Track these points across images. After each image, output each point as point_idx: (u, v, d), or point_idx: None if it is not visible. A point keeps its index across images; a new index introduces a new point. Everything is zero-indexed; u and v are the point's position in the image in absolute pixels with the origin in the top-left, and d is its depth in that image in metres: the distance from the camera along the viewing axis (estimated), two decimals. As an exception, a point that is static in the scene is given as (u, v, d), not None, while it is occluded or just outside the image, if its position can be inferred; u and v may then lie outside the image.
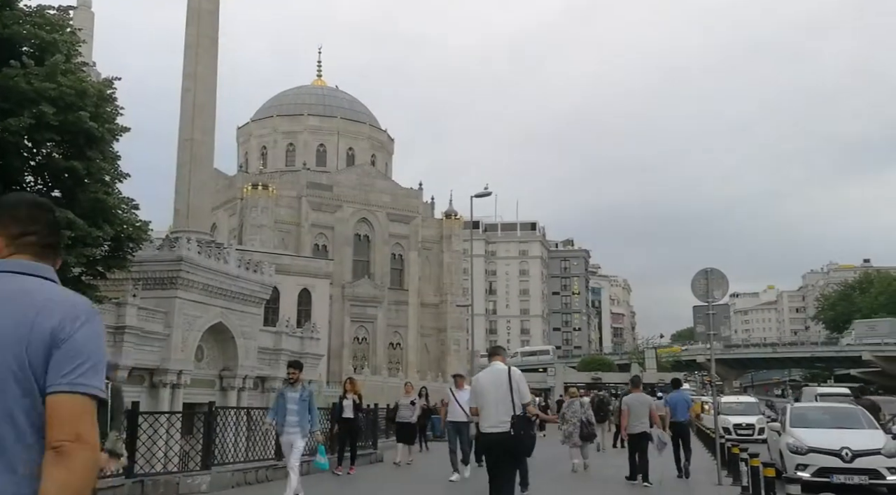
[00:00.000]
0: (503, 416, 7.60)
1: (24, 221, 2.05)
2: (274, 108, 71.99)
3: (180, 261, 26.17)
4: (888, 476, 13.01)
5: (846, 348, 75.90)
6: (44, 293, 1.93)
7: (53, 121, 14.30)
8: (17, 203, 2.09)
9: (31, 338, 1.83)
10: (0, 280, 1.93)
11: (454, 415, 14.33)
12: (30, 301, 1.88)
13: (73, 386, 1.82)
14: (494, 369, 8.18)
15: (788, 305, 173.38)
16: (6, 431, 1.78)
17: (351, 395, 15.18)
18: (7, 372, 1.80)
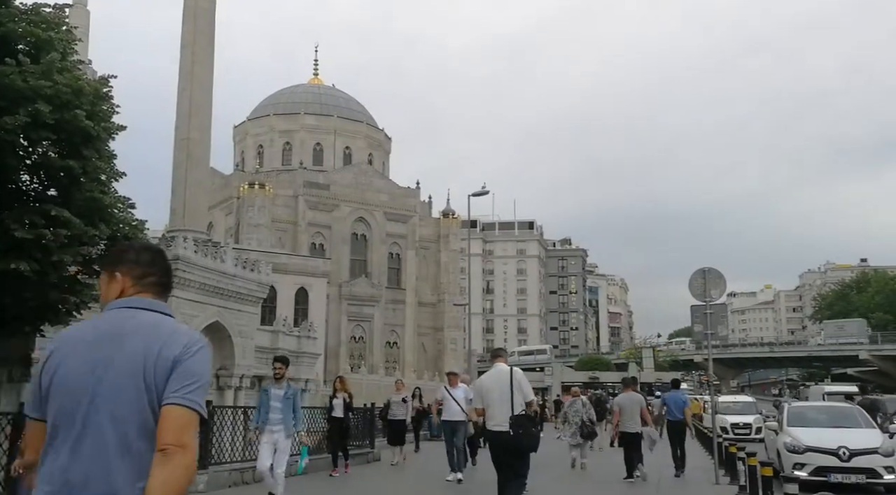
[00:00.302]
0: (507, 415, 8.00)
1: (146, 265, 2.54)
2: (270, 106, 71.90)
3: (177, 261, 26.11)
4: (885, 475, 13.02)
5: (843, 347, 75.94)
6: (166, 327, 2.38)
7: (49, 119, 14.23)
8: (140, 249, 2.60)
9: (157, 365, 2.26)
10: (131, 314, 2.39)
11: (449, 414, 13.94)
12: (156, 334, 2.33)
13: (184, 400, 2.24)
14: (497, 370, 8.57)
15: (785, 305, 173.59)
16: (133, 437, 2.22)
17: (341, 394, 14.81)
18: (139, 392, 2.24)
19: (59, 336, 2.48)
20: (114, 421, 2.22)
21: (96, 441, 2.20)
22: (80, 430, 2.22)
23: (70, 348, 2.34)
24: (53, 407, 2.30)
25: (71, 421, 2.24)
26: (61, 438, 2.25)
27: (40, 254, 14.28)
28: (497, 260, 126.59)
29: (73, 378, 2.28)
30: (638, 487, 13.35)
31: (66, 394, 2.27)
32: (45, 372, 2.35)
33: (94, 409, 2.23)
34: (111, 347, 2.29)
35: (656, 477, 15.01)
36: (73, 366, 2.29)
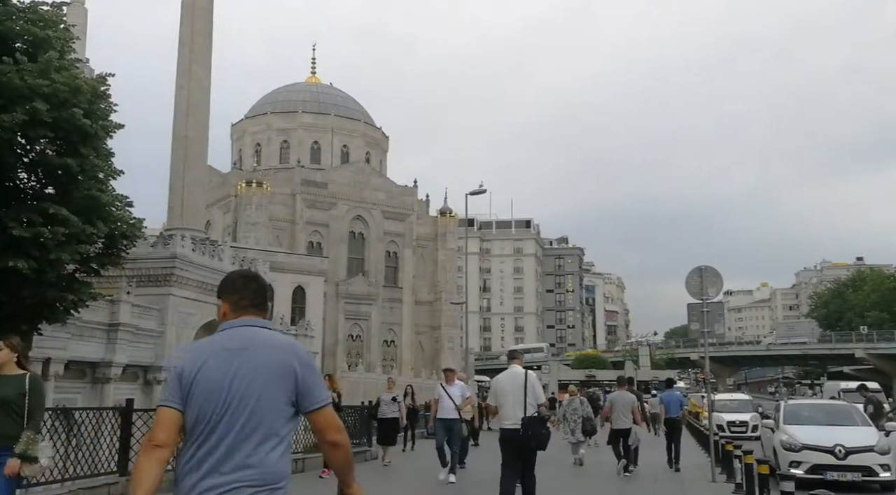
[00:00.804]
0: (520, 415, 8.63)
1: (240, 289, 3.04)
2: (268, 105, 71.82)
3: (174, 259, 26.14)
4: (881, 473, 13.08)
5: (838, 346, 76.11)
6: (279, 339, 2.97)
7: (47, 117, 14.20)
8: (233, 278, 3.12)
9: (280, 369, 2.84)
10: (248, 331, 2.94)
11: (444, 412, 13.46)
12: (274, 345, 2.91)
13: (325, 401, 2.92)
14: (513, 372, 9.17)
15: (782, 303, 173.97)
16: (280, 426, 2.79)
17: (329, 392, 14.89)
18: (278, 396, 2.81)
19: (193, 346, 3.03)
20: (250, 415, 2.76)
21: (235, 431, 2.74)
22: (223, 423, 2.75)
23: (206, 357, 2.86)
24: (196, 404, 2.79)
25: (213, 416, 2.76)
26: (202, 433, 2.77)
27: (38, 252, 14.26)
28: (494, 258, 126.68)
29: (213, 382, 2.79)
30: (635, 483, 13.40)
31: (208, 395, 2.78)
32: (185, 375, 2.83)
33: (232, 407, 2.76)
34: (240, 357, 2.83)
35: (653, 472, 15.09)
36: (212, 372, 2.81)
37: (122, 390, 23.16)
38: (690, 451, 21.09)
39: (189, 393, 2.80)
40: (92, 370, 23.63)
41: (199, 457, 2.74)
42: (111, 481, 10.50)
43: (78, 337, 22.25)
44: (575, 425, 16.65)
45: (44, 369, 21.12)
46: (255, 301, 3.04)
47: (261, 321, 3.00)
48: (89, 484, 10.15)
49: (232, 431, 2.74)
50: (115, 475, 10.68)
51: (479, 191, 38.37)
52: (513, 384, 8.97)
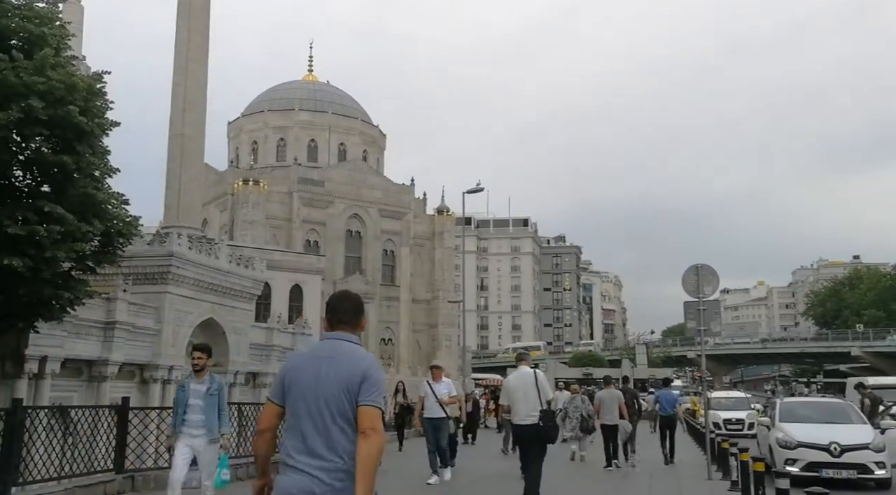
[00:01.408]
0: (531, 411, 9.36)
1: (335, 309, 3.78)
2: (265, 103, 71.70)
3: (171, 257, 26.09)
4: (876, 470, 13.12)
5: (834, 344, 76.27)
6: (358, 352, 3.64)
7: (42, 115, 14.17)
8: (332, 299, 3.85)
9: (353, 377, 3.51)
10: (336, 344, 3.67)
11: (431, 411, 12.88)
12: (352, 356, 3.60)
13: (372, 402, 3.48)
14: (522, 372, 9.93)
15: (778, 301, 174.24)
16: (339, 419, 3.45)
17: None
18: (346, 395, 3.47)
19: (293, 355, 4.03)
20: (329, 410, 3.48)
21: (320, 421, 3.48)
22: (309, 418, 3.50)
23: (301, 363, 3.67)
24: (293, 400, 3.58)
25: (305, 410, 3.52)
26: (299, 428, 3.52)
27: (33, 250, 14.22)
28: (491, 257, 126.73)
29: (305, 383, 3.56)
30: (632, 480, 13.43)
31: (302, 393, 3.55)
32: (286, 377, 3.65)
33: (318, 403, 3.50)
34: (327, 364, 3.58)
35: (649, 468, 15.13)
36: (305, 375, 3.58)
37: (119, 388, 23.12)
38: (687, 449, 21.18)
39: (288, 391, 3.62)
40: (88, 368, 23.59)
41: (297, 441, 3.53)
42: (108, 479, 10.50)
43: (74, 335, 22.21)
44: (576, 422, 16.95)
45: (40, 367, 21.09)
46: (344, 318, 3.78)
47: (348, 335, 3.75)
48: (86, 481, 10.15)
49: (318, 421, 3.50)
50: (111, 473, 10.68)
51: (477, 190, 38.37)
52: (523, 383, 9.67)
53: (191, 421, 8.30)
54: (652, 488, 12.51)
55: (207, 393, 8.42)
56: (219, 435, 8.45)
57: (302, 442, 3.49)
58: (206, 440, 8.33)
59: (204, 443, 8.32)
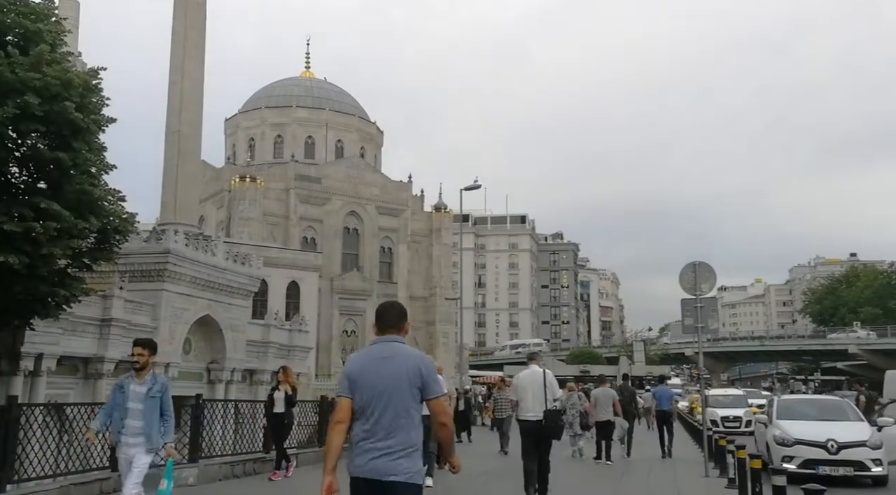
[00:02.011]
0: (538, 408, 10.07)
1: (383, 316, 4.45)
2: (262, 99, 71.56)
3: (167, 254, 26.03)
4: (873, 467, 13.13)
5: (832, 341, 76.35)
6: (408, 350, 4.32)
7: (38, 111, 14.12)
8: (380, 308, 4.54)
9: (412, 373, 4.20)
10: (390, 346, 4.32)
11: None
12: (408, 355, 4.29)
13: (437, 394, 4.26)
14: (532, 371, 10.63)
15: (776, 299, 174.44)
16: (412, 409, 4.16)
17: (284, 387, 13.11)
18: (411, 388, 4.17)
19: (356, 356, 4.52)
20: (396, 404, 4.16)
21: (387, 414, 4.15)
22: (378, 408, 4.16)
23: (365, 363, 4.32)
24: (360, 395, 4.21)
25: (371, 403, 4.17)
26: (367, 413, 4.18)
27: (29, 247, 14.18)
28: (489, 254, 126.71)
29: (370, 380, 4.21)
30: (629, 477, 13.43)
31: (368, 389, 4.19)
32: (352, 375, 4.28)
33: (384, 397, 4.17)
34: (387, 363, 4.25)
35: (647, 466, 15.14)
36: (369, 373, 4.24)
37: (115, 385, 23.05)
38: (685, 446, 21.22)
39: (355, 387, 4.24)
40: (84, 365, 23.55)
41: (365, 430, 4.17)
42: (103, 477, 10.46)
43: (70, 332, 22.16)
44: (574, 419, 17.19)
45: (36, 365, 21.04)
46: (392, 323, 4.45)
47: (398, 338, 4.42)
48: (81, 479, 10.12)
49: (383, 413, 4.14)
50: (107, 470, 10.64)
51: (474, 187, 38.40)
52: (532, 382, 10.35)
53: (129, 428, 7.25)
54: (650, 485, 12.50)
55: (148, 395, 7.39)
56: (160, 444, 7.40)
57: (370, 428, 4.16)
58: (143, 450, 7.28)
59: (141, 452, 7.27)
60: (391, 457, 4.09)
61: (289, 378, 13.28)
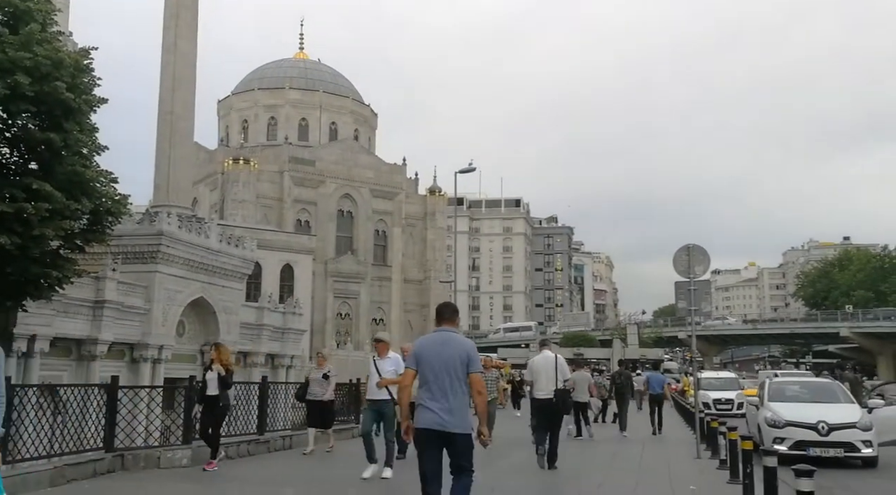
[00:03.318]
0: (550, 388, 11.73)
1: (443, 313, 6.13)
2: (255, 81, 71.12)
3: (160, 236, 25.96)
4: (863, 449, 13.24)
5: (824, 325, 76.74)
6: (460, 338, 6.00)
7: (29, 91, 14.01)
8: (439, 306, 6.26)
9: (461, 354, 5.79)
10: (447, 334, 5.97)
11: (373, 392, 10.78)
12: (459, 341, 5.93)
13: (477, 370, 5.84)
14: (544, 356, 12.29)
15: (769, 282, 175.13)
16: (461, 380, 5.71)
17: (216, 367, 11.62)
18: (458, 365, 5.72)
19: (421, 341, 6.14)
20: (451, 376, 5.66)
21: (445, 385, 5.64)
22: (438, 381, 5.66)
23: (428, 345, 5.91)
24: (424, 369, 5.76)
25: (433, 377, 5.69)
26: (429, 382, 5.70)
27: (21, 228, 14.11)
28: (483, 237, 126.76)
29: (430, 359, 5.76)
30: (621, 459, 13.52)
31: (429, 365, 5.74)
32: (418, 354, 5.86)
33: (442, 372, 5.69)
34: (444, 347, 5.81)
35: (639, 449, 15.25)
36: (430, 354, 5.80)
37: (109, 367, 23.07)
38: (677, 428, 21.40)
39: (420, 363, 5.82)
40: (77, 347, 23.53)
41: (428, 394, 5.70)
42: (97, 457, 10.48)
43: (63, 313, 22.12)
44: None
45: (29, 346, 21.02)
46: (447, 317, 6.11)
47: (452, 328, 6.06)
48: (75, 460, 10.12)
49: (441, 382, 5.69)
50: (101, 451, 10.66)
51: (469, 170, 38.33)
52: (545, 365, 11.95)
53: None
54: (641, 467, 12.59)
55: None
56: None
57: (430, 393, 5.69)
58: None
59: None
60: (448, 414, 5.58)
61: (222, 357, 11.89)
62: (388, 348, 11.11)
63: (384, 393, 10.54)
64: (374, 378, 10.76)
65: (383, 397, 10.60)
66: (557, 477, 11.36)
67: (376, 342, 11.42)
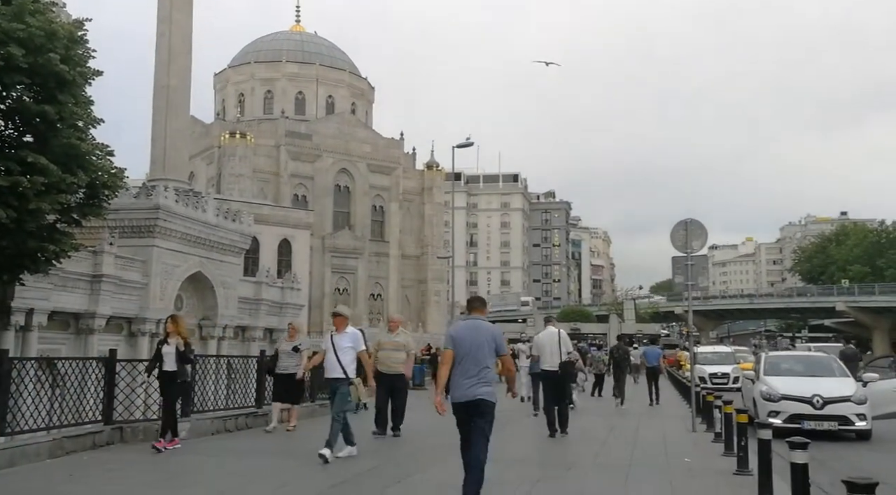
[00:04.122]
0: (555, 361, 12.96)
1: (473, 302, 7.17)
2: (251, 54, 70.49)
3: (157, 210, 25.88)
4: (857, 422, 13.36)
5: (820, 299, 77.10)
6: (488, 325, 6.93)
7: (22, 63, 13.84)
8: (469, 298, 7.35)
9: (489, 339, 6.72)
10: (478, 321, 6.91)
11: (330, 370, 9.96)
12: (488, 328, 6.85)
13: (505, 353, 6.95)
14: (549, 332, 13.46)
15: (766, 257, 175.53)
16: (490, 359, 6.69)
17: (174, 339, 10.65)
18: (487, 347, 6.67)
19: (457, 326, 7.17)
20: (481, 357, 6.60)
21: (475, 362, 6.58)
22: (469, 358, 6.59)
23: (463, 330, 6.80)
24: (459, 349, 6.65)
25: (465, 354, 6.61)
26: (463, 361, 6.60)
27: (16, 201, 14.03)
28: (481, 213, 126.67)
29: (464, 341, 6.67)
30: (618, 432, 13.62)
31: (462, 346, 6.64)
32: (454, 337, 6.79)
33: (473, 350, 6.62)
34: (475, 332, 6.71)
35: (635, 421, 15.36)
36: (463, 337, 6.69)
37: (107, 341, 23.13)
38: (673, 402, 21.57)
39: (456, 344, 6.70)
40: (76, 321, 23.56)
41: (461, 371, 6.59)
42: (96, 430, 10.53)
43: (61, 287, 22.12)
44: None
45: (27, 319, 21.04)
46: (477, 306, 7.07)
47: (482, 316, 6.96)
48: (74, 432, 10.17)
49: (473, 359, 6.59)
50: (100, 424, 10.71)
51: (466, 144, 38.07)
52: (549, 339, 13.20)
53: None
54: (637, 440, 12.69)
55: None
56: None
57: (463, 369, 6.63)
58: None
59: None
60: (477, 386, 6.53)
61: (180, 329, 10.82)
62: (347, 322, 10.19)
63: (338, 370, 9.74)
64: (331, 354, 9.91)
65: (338, 375, 9.78)
66: (553, 447, 11.45)
67: (334, 316, 10.40)
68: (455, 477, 6.67)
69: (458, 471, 6.49)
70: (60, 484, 8.01)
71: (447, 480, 7.54)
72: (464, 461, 6.48)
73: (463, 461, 6.48)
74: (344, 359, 9.79)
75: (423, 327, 63.95)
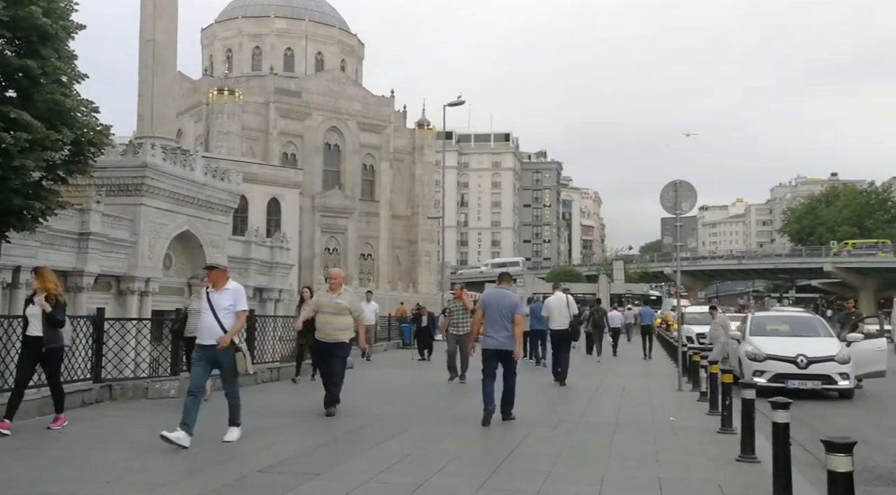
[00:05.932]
0: (564, 321, 15.07)
1: (502, 276, 10.37)
2: (239, 9, 69.22)
3: (145, 168, 25.66)
4: (839, 381, 13.55)
5: (808, 260, 77.56)
6: (511, 293, 9.94)
7: (3, 16, 13.56)
8: (500, 273, 10.60)
9: (509, 304, 9.65)
10: (504, 290, 9.93)
11: (202, 334, 7.88)
12: (511, 295, 9.85)
13: (520, 312, 9.82)
14: (557, 296, 15.53)
15: (756, 218, 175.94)
16: (509, 319, 9.53)
17: (39, 299, 8.29)
18: (510, 310, 9.58)
19: (488, 292, 10.28)
20: (503, 314, 9.51)
21: (501, 322, 9.50)
22: (496, 316, 9.54)
23: (491, 296, 9.84)
24: (488, 310, 9.66)
25: (493, 314, 9.58)
26: (490, 319, 9.59)
27: (0, 158, 13.86)
28: (472, 172, 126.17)
29: (492, 305, 9.65)
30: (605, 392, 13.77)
31: (491, 307, 9.65)
32: (484, 301, 9.89)
33: (498, 312, 9.54)
34: (501, 298, 9.69)
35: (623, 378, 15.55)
36: (492, 302, 9.68)
37: (96, 299, 23.11)
38: (660, 362, 21.82)
39: (486, 307, 9.66)
40: (63, 279, 23.45)
41: (489, 327, 9.51)
42: (85, 388, 10.55)
43: (48, 245, 22.00)
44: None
45: (14, 276, 20.95)
46: (504, 279, 10.07)
47: (506, 287, 9.91)
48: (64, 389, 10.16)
49: (499, 319, 9.43)
50: (89, 382, 10.72)
51: (458, 103, 37.76)
52: (558, 303, 15.29)
53: None
54: (623, 398, 12.82)
55: None
56: None
57: (492, 327, 9.38)
58: None
59: None
60: (502, 340, 9.33)
61: (47, 285, 8.36)
62: (226, 277, 8.08)
63: (214, 335, 7.71)
64: (208, 316, 7.78)
65: (211, 343, 7.73)
66: (541, 405, 11.57)
67: (209, 269, 8.20)
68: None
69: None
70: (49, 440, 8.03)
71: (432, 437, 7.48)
72: (484, 390, 9.36)
73: (483, 390, 9.37)
74: (225, 321, 7.72)
75: (413, 287, 64.14)
